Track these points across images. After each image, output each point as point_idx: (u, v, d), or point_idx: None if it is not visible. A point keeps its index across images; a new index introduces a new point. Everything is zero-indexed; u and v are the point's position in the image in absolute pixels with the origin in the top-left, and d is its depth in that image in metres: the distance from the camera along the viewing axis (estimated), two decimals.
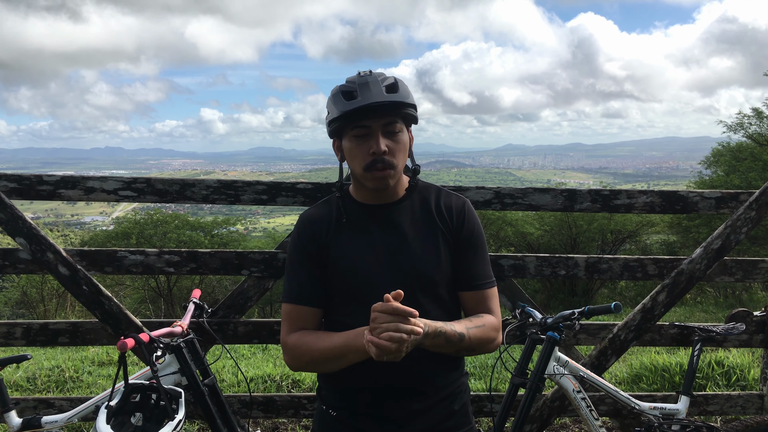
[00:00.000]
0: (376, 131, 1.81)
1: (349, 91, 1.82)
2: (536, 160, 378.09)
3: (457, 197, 2.02)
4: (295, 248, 1.97)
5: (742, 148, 20.49)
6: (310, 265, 1.93)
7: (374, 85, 1.80)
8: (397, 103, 1.79)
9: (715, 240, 3.44)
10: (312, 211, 2.02)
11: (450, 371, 1.95)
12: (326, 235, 1.94)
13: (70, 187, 3.22)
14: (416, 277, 1.87)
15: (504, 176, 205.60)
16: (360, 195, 1.98)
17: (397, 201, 1.95)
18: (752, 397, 3.66)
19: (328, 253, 1.92)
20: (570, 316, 2.97)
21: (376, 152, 1.80)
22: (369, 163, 1.82)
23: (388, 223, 1.92)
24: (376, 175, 1.83)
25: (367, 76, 1.84)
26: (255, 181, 3.31)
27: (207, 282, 19.97)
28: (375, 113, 1.78)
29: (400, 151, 1.86)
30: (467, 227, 1.96)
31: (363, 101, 1.77)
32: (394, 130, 1.84)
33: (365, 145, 1.82)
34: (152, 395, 2.38)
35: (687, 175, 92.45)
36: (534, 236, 22.51)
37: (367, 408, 1.88)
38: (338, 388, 1.93)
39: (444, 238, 1.93)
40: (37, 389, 4.93)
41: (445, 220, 1.95)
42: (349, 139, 1.85)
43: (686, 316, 9.95)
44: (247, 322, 3.40)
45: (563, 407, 3.47)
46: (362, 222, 1.94)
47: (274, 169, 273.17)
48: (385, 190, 1.91)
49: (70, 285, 3.24)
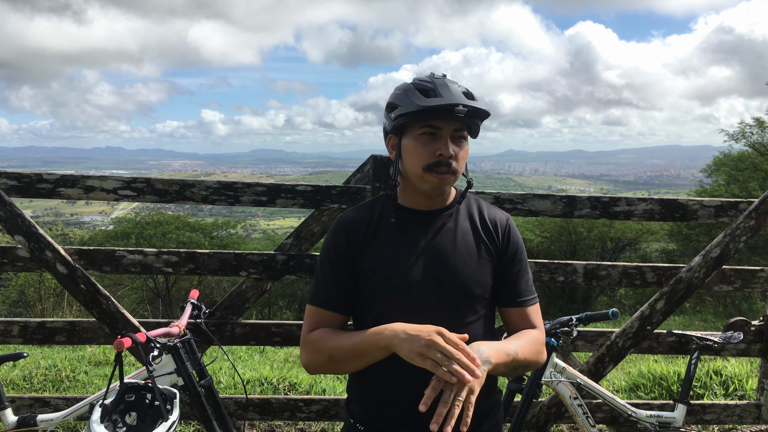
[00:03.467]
0: (446, 134, 1.77)
1: (425, 89, 1.77)
2: (537, 167, 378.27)
3: (501, 212, 1.98)
4: (327, 252, 1.90)
5: (743, 158, 20.48)
6: (341, 271, 1.86)
7: (453, 86, 1.77)
8: (476, 110, 1.75)
9: (714, 248, 3.43)
10: (351, 213, 1.94)
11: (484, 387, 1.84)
12: (364, 239, 1.87)
13: (69, 186, 3.22)
14: (457, 288, 1.82)
15: (505, 182, 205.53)
16: (405, 199, 1.91)
17: (443, 209, 1.90)
18: (749, 406, 3.65)
19: (365, 258, 1.85)
20: (567, 322, 2.97)
21: (443, 155, 1.76)
22: (433, 163, 1.77)
23: (431, 231, 1.87)
24: (437, 177, 1.78)
25: (445, 78, 1.80)
26: (254, 183, 3.32)
27: (206, 283, 19.95)
28: (450, 115, 1.74)
29: (462, 160, 1.82)
30: (513, 244, 1.92)
31: (445, 100, 1.72)
32: (462, 137, 1.80)
33: (432, 145, 1.77)
34: (147, 395, 2.38)
35: (688, 183, 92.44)
36: (534, 243, 22.49)
37: (396, 425, 1.82)
38: (367, 404, 1.87)
39: (488, 252, 1.89)
40: (34, 388, 4.93)
41: (490, 234, 1.90)
42: (414, 137, 1.80)
43: (685, 325, 9.94)
44: (245, 323, 3.39)
45: (560, 414, 3.47)
46: (405, 227, 1.88)
47: (274, 171, 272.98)
48: (440, 195, 1.87)
49: (68, 284, 3.24)
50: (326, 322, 1.85)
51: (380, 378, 1.73)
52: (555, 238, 22.62)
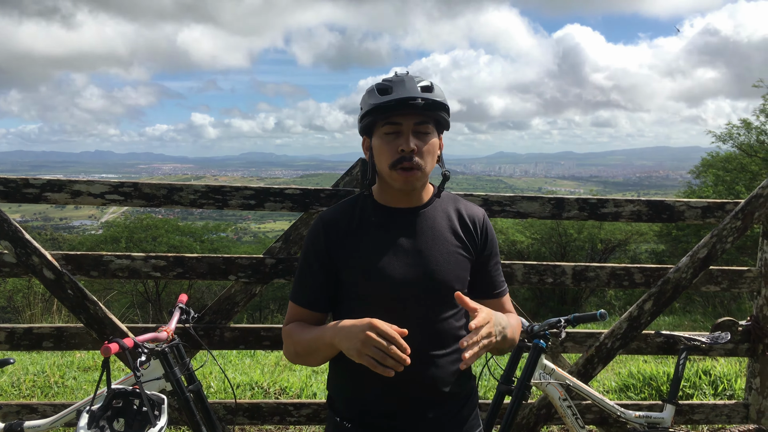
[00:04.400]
0: (407, 130, 1.80)
1: (384, 88, 1.81)
2: (527, 168, 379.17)
3: (477, 208, 2.02)
4: (306, 251, 1.94)
5: (730, 159, 20.64)
6: (319, 270, 1.90)
7: (410, 82, 1.80)
8: (430, 102, 1.78)
9: (701, 249, 3.46)
10: (330, 212, 1.97)
11: (465, 376, 1.95)
12: (343, 238, 1.90)
13: (56, 191, 3.20)
14: (437, 283, 1.85)
15: (495, 184, 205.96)
16: (383, 197, 1.94)
17: (420, 206, 1.93)
18: (737, 406, 3.67)
19: (347, 256, 1.88)
20: (556, 324, 2.97)
21: (404, 150, 1.78)
22: (396, 160, 1.80)
23: (410, 228, 1.90)
24: (402, 174, 1.81)
25: (404, 75, 1.83)
26: (243, 186, 3.31)
27: (196, 287, 19.87)
28: (407, 110, 1.77)
29: (429, 154, 1.83)
30: (490, 240, 1.98)
31: (396, 95, 1.76)
32: (425, 131, 1.82)
33: (394, 143, 1.80)
34: (135, 401, 2.36)
35: (677, 184, 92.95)
36: (524, 244, 22.56)
37: (381, 419, 1.85)
38: (350, 399, 1.90)
39: (465, 248, 1.93)
40: (22, 394, 4.88)
41: (469, 231, 1.95)
42: (379, 137, 1.84)
43: (674, 325, 9.99)
44: (234, 327, 3.38)
45: (549, 415, 3.48)
46: (385, 225, 1.90)
47: (265, 174, 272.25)
48: (412, 191, 1.89)
49: (55, 289, 3.22)
50: (303, 318, 1.92)
51: (363, 373, 1.73)
52: (545, 240, 22.71)
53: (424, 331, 1.82)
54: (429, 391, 1.84)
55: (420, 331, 1.80)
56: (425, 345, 1.82)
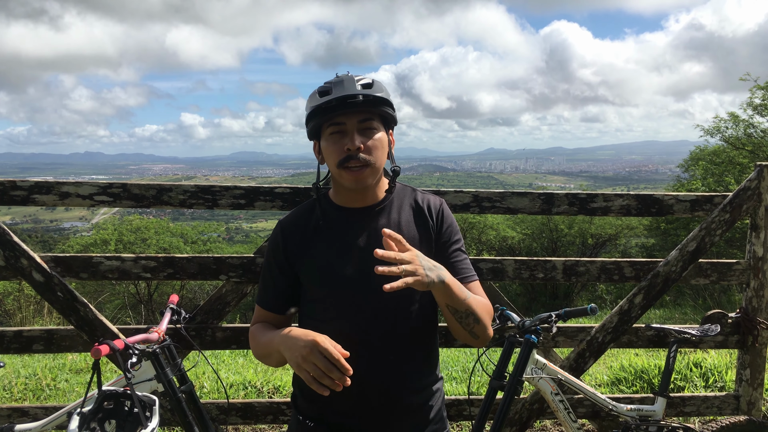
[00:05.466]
0: (351, 129, 1.80)
1: (324, 90, 1.82)
2: (518, 164, 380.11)
3: (434, 197, 2.02)
4: (268, 254, 1.99)
5: (718, 152, 20.76)
6: (278, 274, 1.95)
7: (348, 82, 1.80)
8: (370, 98, 1.79)
9: (690, 242, 3.48)
10: (289, 217, 2.00)
11: (426, 375, 1.93)
12: (302, 241, 1.91)
13: (44, 193, 3.18)
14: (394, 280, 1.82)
15: (486, 180, 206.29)
16: (339, 198, 1.95)
17: (375, 204, 1.93)
18: (728, 397, 3.70)
19: (304, 259, 1.90)
20: (547, 318, 2.98)
21: (350, 148, 1.78)
22: (343, 159, 1.80)
23: (367, 227, 1.89)
24: (351, 173, 1.81)
25: (344, 76, 1.84)
26: (233, 186, 3.30)
27: (188, 288, 19.80)
28: (349, 107, 1.77)
29: (377, 149, 1.83)
30: (447, 226, 1.96)
31: (335, 95, 1.78)
32: (370, 127, 1.83)
33: (340, 142, 1.81)
34: (126, 402, 2.36)
35: (666, 178, 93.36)
36: (515, 240, 22.63)
37: (341, 417, 1.85)
38: (311, 398, 1.89)
39: (425, 239, 1.92)
40: (13, 397, 4.86)
41: (425, 219, 1.94)
42: (325, 138, 1.85)
43: (665, 318, 10.05)
44: (226, 327, 3.37)
45: (542, 410, 3.49)
46: (341, 226, 1.90)
47: (256, 173, 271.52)
48: (364, 189, 1.88)
49: (45, 291, 3.20)
50: (267, 320, 1.97)
51: None
52: (536, 235, 22.79)
53: (379, 330, 1.82)
54: (387, 391, 1.84)
55: (376, 331, 1.81)
56: (381, 344, 1.82)
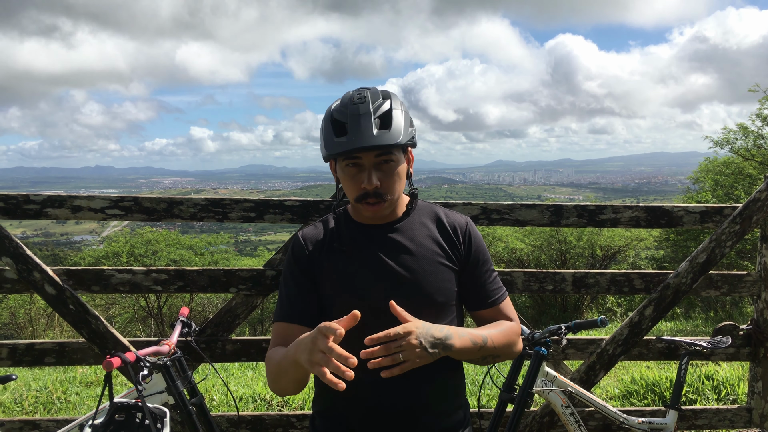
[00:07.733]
0: (369, 165, 1.74)
1: (340, 124, 1.74)
2: (526, 176, 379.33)
3: (460, 216, 1.96)
4: (289, 266, 1.90)
5: (728, 163, 20.67)
6: (303, 280, 1.85)
7: (365, 119, 1.71)
8: (386, 146, 1.72)
9: (700, 254, 3.47)
10: (309, 230, 1.95)
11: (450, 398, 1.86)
12: (322, 253, 1.87)
13: (57, 206, 3.21)
14: (417, 297, 1.79)
15: (495, 192, 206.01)
16: (357, 215, 1.91)
17: (395, 221, 1.89)
18: (740, 410, 3.67)
19: (321, 274, 1.84)
20: (557, 331, 2.98)
21: (367, 188, 1.74)
22: (360, 195, 1.77)
23: (386, 244, 1.85)
24: (369, 208, 1.78)
25: (360, 105, 1.73)
26: (243, 199, 3.32)
27: (198, 300, 19.85)
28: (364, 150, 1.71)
29: (395, 182, 1.79)
30: (475, 246, 1.90)
31: (350, 145, 1.69)
32: (387, 160, 1.76)
33: (357, 177, 1.76)
34: (138, 414, 2.37)
35: (676, 190, 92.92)
36: (524, 252, 22.54)
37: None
38: (330, 420, 1.85)
39: (449, 258, 1.87)
40: (24, 410, 4.88)
41: (451, 240, 1.89)
42: (342, 169, 1.79)
43: (676, 331, 9.98)
44: (236, 340, 3.39)
45: (552, 423, 3.47)
46: (359, 243, 1.86)
47: (265, 186, 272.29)
48: (383, 218, 1.86)
49: (57, 304, 3.23)
50: (292, 337, 1.75)
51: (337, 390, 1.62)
52: (545, 247, 22.68)
53: None
54: (407, 412, 1.77)
55: None
56: None
